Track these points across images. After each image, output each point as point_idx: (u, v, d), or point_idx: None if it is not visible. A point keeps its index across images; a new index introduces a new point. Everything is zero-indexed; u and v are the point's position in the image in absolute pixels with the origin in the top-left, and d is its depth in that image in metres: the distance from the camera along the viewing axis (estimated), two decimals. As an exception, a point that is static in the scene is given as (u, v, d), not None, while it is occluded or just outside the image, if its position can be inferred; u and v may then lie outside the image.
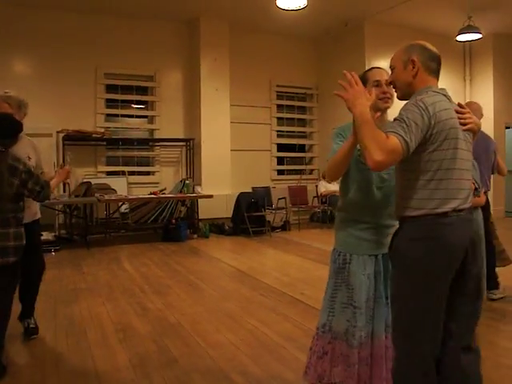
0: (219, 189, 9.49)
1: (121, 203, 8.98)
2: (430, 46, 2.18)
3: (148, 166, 10.09)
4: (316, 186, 10.63)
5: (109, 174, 9.48)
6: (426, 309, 2.00)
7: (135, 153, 9.99)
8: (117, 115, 9.94)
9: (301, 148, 11.82)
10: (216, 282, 5.85)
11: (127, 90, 9.86)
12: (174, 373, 3.13)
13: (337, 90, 2.20)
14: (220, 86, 9.89)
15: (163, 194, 9.09)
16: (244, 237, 9.08)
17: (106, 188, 8.60)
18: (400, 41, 10.24)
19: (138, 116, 10.28)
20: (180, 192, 9.21)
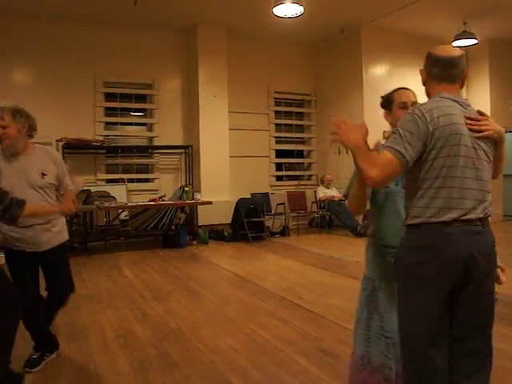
0: (218, 195, 9.54)
1: (120, 210, 9.02)
2: (438, 49, 2.15)
3: (147, 173, 10.13)
4: (315, 192, 10.67)
5: (108, 181, 9.53)
6: (415, 323, 1.95)
7: (134, 160, 10.04)
8: (116, 123, 10.00)
9: (299, 154, 11.88)
10: (215, 287, 5.89)
11: (126, 98, 9.92)
12: (174, 377, 3.18)
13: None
14: (218, 93, 9.95)
15: (163, 200, 9.13)
16: (243, 242, 9.12)
17: (105, 195, 8.65)
18: (396, 46, 10.37)
19: (137, 124, 10.34)
20: (179, 199, 9.26)
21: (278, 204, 10.01)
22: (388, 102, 2.41)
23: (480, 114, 2.05)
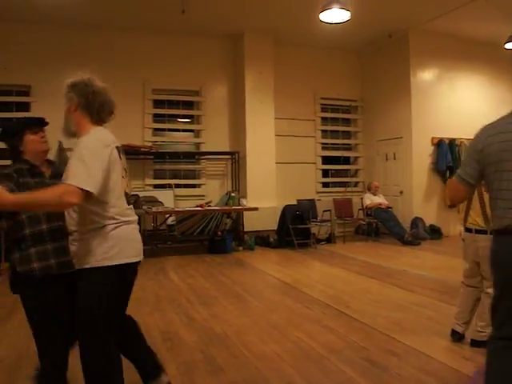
0: (264, 201, 9.56)
1: (168, 215, 9.16)
2: None
3: (194, 178, 10.27)
4: (361, 199, 10.54)
5: (156, 186, 9.71)
6: None
7: (182, 166, 10.19)
8: (164, 129, 10.20)
9: (346, 160, 11.78)
10: (261, 293, 5.89)
11: (174, 104, 10.12)
12: (219, 382, 3.19)
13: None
14: (264, 100, 10.00)
15: (209, 206, 9.22)
16: (289, 249, 9.09)
17: (153, 200, 8.81)
18: (445, 50, 10.12)
19: (184, 130, 10.52)
20: (225, 204, 9.33)
21: (324, 211, 9.96)
22: None
23: None
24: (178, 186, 9.88)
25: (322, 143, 11.39)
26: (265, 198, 9.70)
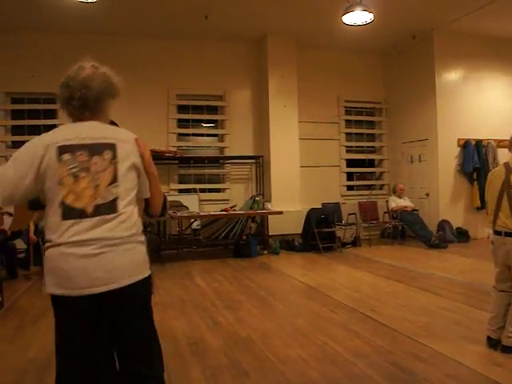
0: (289, 205, 9.54)
1: (193, 220, 9.21)
2: None
3: (218, 183, 10.30)
4: (386, 202, 10.43)
5: (181, 191, 9.77)
6: None
7: (206, 170, 10.23)
8: (188, 134, 10.27)
9: (370, 163, 11.69)
10: (286, 297, 5.87)
11: (198, 109, 10.18)
12: (245, 386, 3.19)
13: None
14: (288, 103, 9.98)
15: (234, 210, 9.24)
16: (314, 253, 9.05)
17: (178, 205, 8.87)
18: (471, 50, 9.97)
19: (208, 135, 10.57)
20: (250, 208, 9.34)
21: (349, 214, 9.89)
22: None
23: None
24: (203, 191, 9.93)
25: (347, 146, 11.32)
26: (289, 201, 9.68)
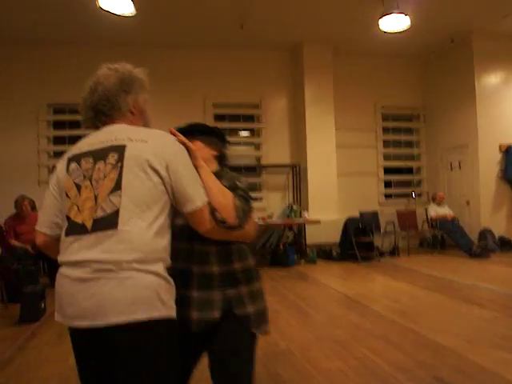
0: (326, 214, 9.49)
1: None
2: None
3: (255, 191, 10.33)
4: (426, 210, 10.27)
5: (218, 200, 9.81)
6: None
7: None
8: (225, 143, 10.33)
9: (409, 170, 11.53)
10: (324, 308, 5.83)
11: (234, 118, 10.26)
12: (285, 399, 3.17)
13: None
14: (325, 111, 9.96)
15: (270, 219, 9.24)
16: (352, 262, 8.97)
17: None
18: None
19: (245, 143, 10.62)
20: (287, 217, 9.33)
21: (388, 223, 9.77)
22: None
23: None
24: (240, 200, 9.95)
25: (384, 153, 11.21)
26: (326, 210, 9.63)
